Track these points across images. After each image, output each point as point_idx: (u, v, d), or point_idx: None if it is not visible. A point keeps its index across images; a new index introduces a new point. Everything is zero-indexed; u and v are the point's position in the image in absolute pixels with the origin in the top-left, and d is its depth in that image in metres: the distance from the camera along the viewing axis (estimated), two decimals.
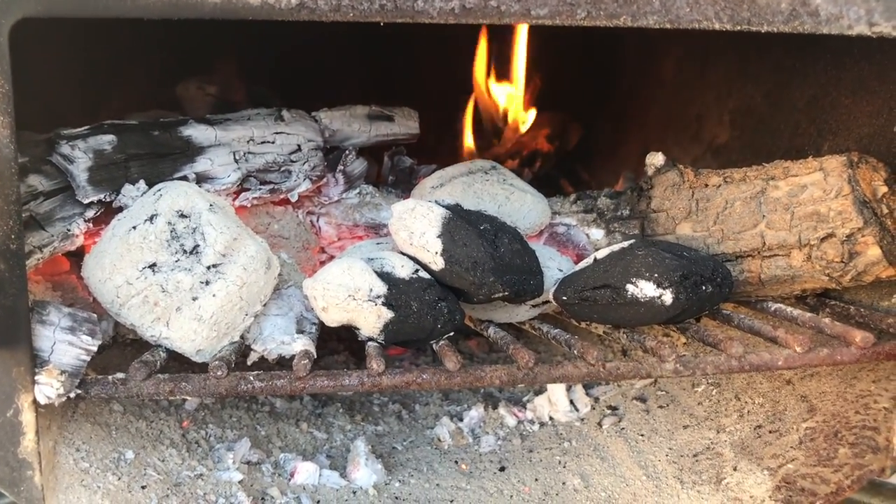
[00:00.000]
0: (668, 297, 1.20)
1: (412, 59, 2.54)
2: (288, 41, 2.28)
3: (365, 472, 1.40)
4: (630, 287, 1.21)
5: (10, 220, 1.00)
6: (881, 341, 1.23)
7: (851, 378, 1.35)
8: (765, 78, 1.85)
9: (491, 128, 2.55)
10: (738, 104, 1.97)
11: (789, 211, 1.32)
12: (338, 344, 1.93)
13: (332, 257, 1.54)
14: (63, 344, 1.07)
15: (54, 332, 1.07)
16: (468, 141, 2.48)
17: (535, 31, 2.42)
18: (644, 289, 1.20)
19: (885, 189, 1.30)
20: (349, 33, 2.51)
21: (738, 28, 1.04)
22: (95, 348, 1.09)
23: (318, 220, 1.54)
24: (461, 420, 1.63)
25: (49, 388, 1.04)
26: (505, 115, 2.57)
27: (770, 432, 1.36)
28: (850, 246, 1.27)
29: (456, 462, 1.50)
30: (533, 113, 2.57)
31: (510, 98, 2.53)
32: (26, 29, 0.95)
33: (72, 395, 1.07)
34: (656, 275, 1.20)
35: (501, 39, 2.46)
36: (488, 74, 2.52)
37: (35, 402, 1.05)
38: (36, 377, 1.04)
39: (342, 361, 1.85)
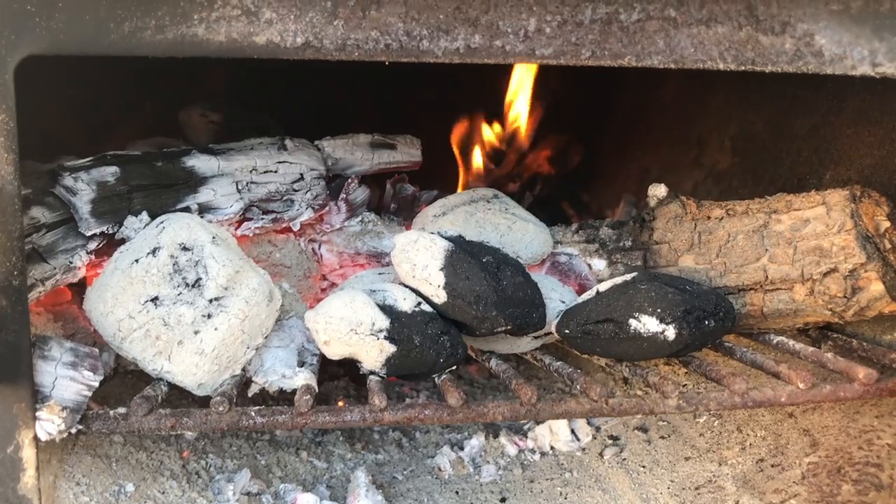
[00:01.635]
0: (671, 333, 1.20)
1: (413, 82, 2.55)
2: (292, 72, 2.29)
3: (365, 503, 1.40)
4: (633, 322, 1.21)
5: (12, 257, 1.00)
6: (884, 377, 1.23)
7: (854, 412, 1.34)
8: (766, 105, 1.85)
9: (492, 151, 2.55)
10: (739, 130, 1.98)
11: (792, 245, 1.32)
12: (338, 369, 1.92)
13: (333, 285, 1.54)
14: (65, 379, 1.07)
15: (56, 368, 1.07)
16: (470, 165, 2.48)
17: None
18: (647, 324, 1.20)
19: (887, 224, 1.30)
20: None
21: (743, 68, 1.04)
22: (97, 384, 1.09)
23: (319, 248, 1.54)
24: (462, 449, 1.62)
25: (50, 424, 1.04)
26: (506, 139, 2.57)
27: (772, 466, 1.36)
28: (852, 281, 1.27)
29: (457, 492, 1.49)
30: (535, 135, 2.58)
31: (511, 122, 2.53)
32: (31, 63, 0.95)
33: (73, 430, 1.06)
34: (659, 310, 1.20)
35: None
36: (492, 99, 2.53)
37: (36, 438, 1.04)
38: (37, 413, 1.04)
39: (342, 387, 1.85)
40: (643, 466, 1.49)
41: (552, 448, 1.61)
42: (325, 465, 1.54)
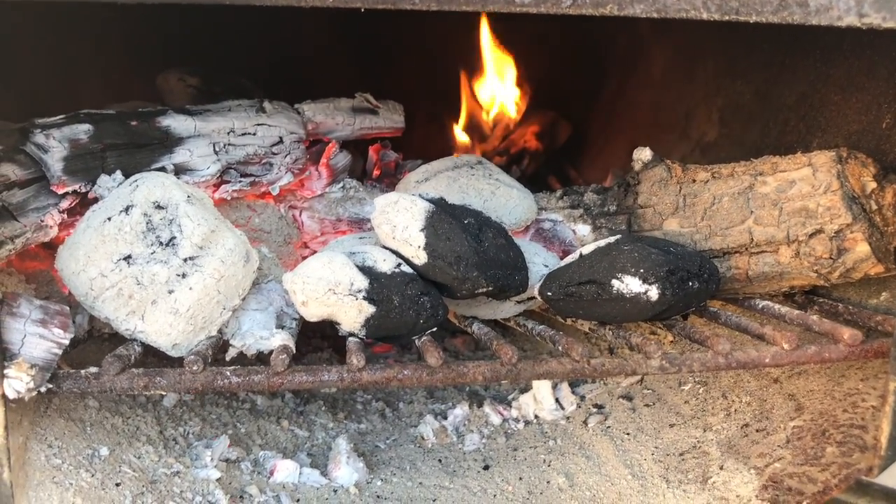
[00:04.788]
0: (653, 293, 1.18)
1: (402, 56, 2.53)
2: (278, 35, 2.26)
3: (346, 470, 1.38)
4: (615, 282, 1.19)
5: None
6: (869, 339, 1.22)
7: (839, 376, 1.33)
8: (754, 75, 1.83)
9: (480, 125, 2.53)
10: (727, 101, 1.96)
11: (777, 207, 1.30)
12: (322, 341, 1.90)
13: (314, 252, 1.52)
14: (34, 337, 1.04)
15: (25, 325, 1.04)
16: (457, 138, 2.46)
17: (525, 29, 2.40)
18: (629, 284, 1.19)
19: (873, 185, 1.28)
20: (340, 28, 2.49)
21: (727, 18, 1.02)
22: (67, 342, 1.06)
23: (300, 215, 1.52)
24: (445, 418, 1.60)
25: (18, 382, 1.01)
26: (494, 113, 2.55)
27: (757, 431, 1.35)
28: (838, 242, 1.25)
29: (439, 461, 1.48)
30: (522, 111, 2.56)
31: (499, 96, 2.51)
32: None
33: (42, 389, 1.04)
34: (642, 270, 1.18)
35: (492, 36, 2.44)
36: (478, 72, 2.51)
37: (4, 396, 1.02)
38: (5, 371, 1.01)
39: (326, 359, 1.82)
40: (627, 433, 1.48)
41: (536, 417, 1.59)
42: (307, 434, 1.52)
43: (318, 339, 1.91)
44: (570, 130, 2.68)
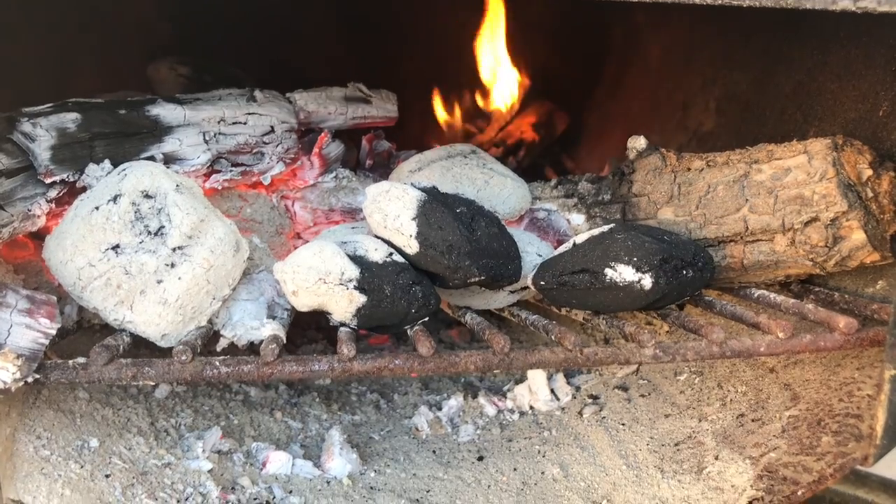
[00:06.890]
0: (647, 282, 1.17)
1: (397, 46, 2.52)
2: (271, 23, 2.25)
3: (339, 461, 1.37)
4: (609, 271, 1.18)
5: None
6: (865, 327, 1.21)
7: (835, 365, 1.32)
8: (751, 64, 1.82)
9: (475, 116, 2.52)
10: (723, 91, 1.94)
11: (773, 195, 1.29)
12: (317, 333, 1.90)
13: (307, 242, 1.51)
14: (20, 327, 1.03)
15: (11, 315, 1.03)
16: (451, 129, 2.45)
17: (521, 19, 2.39)
18: (623, 273, 1.17)
19: (869, 172, 1.27)
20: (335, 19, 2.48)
21: (719, 2, 1.01)
22: (54, 331, 1.05)
23: (293, 205, 1.51)
24: (440, 409, 1.60)
25: (5, 372, 1.00)
26: (490, 104, 2.54)
27: (752, 421, 1.34)
28: (834, 230, 1.24)
29: (434, 452, 1.47)
30: (518, 101, 2.55)
31: (495, 86, 2.49)
32: None
33: (29, 380, 1.03)
34: (635, 259, 1.17)
35: (486, 27, 2.42)
36: (474, 61, 2.50)
37: None
38: None
39: (320, 350, 1.82)
40: (623, 424, 1.47)
41: (531, 408, 1.58)
42: (300, 426, 1.51)
43: (312, 331, 1.90)
44: (567, 120, 2.67)
